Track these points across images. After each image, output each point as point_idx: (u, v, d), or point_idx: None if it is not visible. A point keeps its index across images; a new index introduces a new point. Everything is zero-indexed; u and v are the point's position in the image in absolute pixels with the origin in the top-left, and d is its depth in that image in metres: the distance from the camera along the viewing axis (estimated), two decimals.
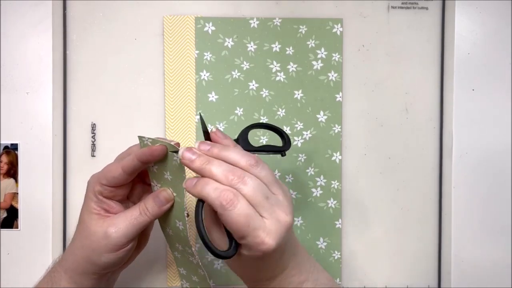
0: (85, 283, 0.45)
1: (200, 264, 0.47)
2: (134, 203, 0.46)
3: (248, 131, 0.46)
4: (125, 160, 0.43)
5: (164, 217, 0.46)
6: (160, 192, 0.44)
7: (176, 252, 0.50)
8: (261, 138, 0.56)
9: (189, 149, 0.41)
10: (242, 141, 0.45)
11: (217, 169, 0.39)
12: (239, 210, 0.38)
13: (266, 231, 0.38)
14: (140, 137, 0.43)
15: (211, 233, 0.42)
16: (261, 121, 0.56)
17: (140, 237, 0.47)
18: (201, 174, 0.40)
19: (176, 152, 0.42)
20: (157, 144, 0.42)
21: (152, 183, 0.46)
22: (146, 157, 0.42)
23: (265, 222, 0.39)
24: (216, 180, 0.39)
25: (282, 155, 0.46)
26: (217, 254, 0.39)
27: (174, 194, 0.45)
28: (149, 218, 0.44)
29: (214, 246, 0.39)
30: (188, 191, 0.40)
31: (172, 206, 0.45)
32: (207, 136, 0.44)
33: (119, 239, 0.43)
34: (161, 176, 0.44)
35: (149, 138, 0.43)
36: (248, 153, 0.41)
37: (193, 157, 0.40)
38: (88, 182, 0.45)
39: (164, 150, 0.42)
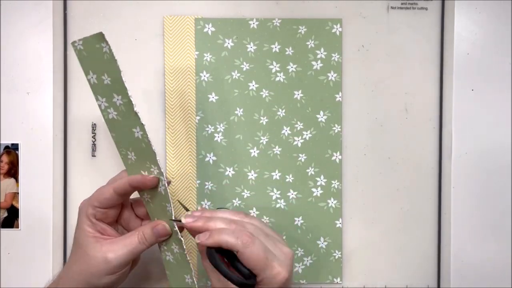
0: None
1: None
2: (122, 226, 0.50)
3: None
4: (117, 183, 0.46)
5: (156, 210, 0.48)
6: (159, 224, 0.47)
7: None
8: (261, 138, 0.56)
9: (188, 215, 0.45)
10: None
11: (220, 223, 0.44)
12: (257, 245, 0.42)
13: (279, 262, 0.43)
14: (72, 43, 0.43)
15: (212, 279, 0.45)
16: (262, 121, 0.56)
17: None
18: (206, 229, 0.44)
19: (179, 220, 0.45)
20: (151, 176, 0.46)
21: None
22: (138, 184, 0.46)
23: (275, 254, 0.43)
24: None
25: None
26: (243, 283, 0.43)
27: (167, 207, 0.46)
28: (146, 246, 0.46)
29: (238, 275, 0.43)
30: (203, 243, 0.43)
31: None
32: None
33: (118, 264, 0.45)
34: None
35: (79, 40, 0.43)
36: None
37: (194, 219, 0.44)
38: (80, 208, 0.47)
39: (156, 181, 0.46)
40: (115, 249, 0.45)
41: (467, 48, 0.57)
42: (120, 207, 0.49)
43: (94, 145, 0.55)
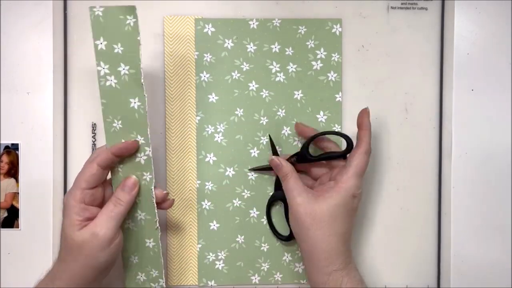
0: None
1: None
2: None
3: (309, 144, 0.53)
4: (98, 157, 0.47)
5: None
6: (126, 180, 0.48)
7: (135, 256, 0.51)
8: (262, 138, 0.56)
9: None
10: (306, 152, 0.53)
11: None
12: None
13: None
14: (90, 8, 0.46)
15: (294, 197, 0.49)
16: (262, 121, 0.56)
17: None
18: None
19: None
20: (131, 140, 0.47)
21: (115, 168, 0.49)
22: (121, 151, 0.47)
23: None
24: None
25: (344, 158, 0.52)
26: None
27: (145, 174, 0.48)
28: (123, 207, 0.47)
29: None
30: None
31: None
32: (275, 152, 0.55)
33: (106, 234, 0.45)
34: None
35: (100, 7, 0.45)
36: None
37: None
38: (65, 199, 0.47)
39: (136, 144, 0.47)
40: (97, 222, 0.45)
41: (467, 48, 0.57)
42: (104, 189, 0.49)
43: (94, 145, 0.55)
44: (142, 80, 0.46)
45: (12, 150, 0.55)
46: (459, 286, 0.57)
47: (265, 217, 0.56)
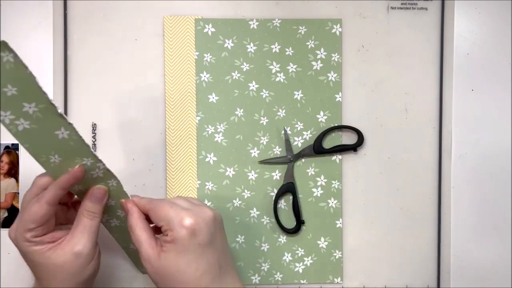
0: None
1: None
2: (62, 224, 0.48)
3: (322, 136, 0.56)
4: (48, 195, 0.43)
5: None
6: (94, 191, 0.46)
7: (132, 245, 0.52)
8: (262, 138, 0.56)
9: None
10: (318, 146, 0.55)
11: None
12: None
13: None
14: None
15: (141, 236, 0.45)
16: (263, 122, 0.56)
17: None
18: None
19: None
20: (76, 167, 0.44)
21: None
22: (70, 182, 0.44)
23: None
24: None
25: (355, 151, 0.56)
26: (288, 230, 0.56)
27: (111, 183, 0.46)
28: (98, 218, 0.46)
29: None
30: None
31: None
32: (288, 144, 0.56)
33: (89, 250, 0.44)
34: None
35: (9, 53, 0.38)
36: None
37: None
38: (14, 238, 0.44)
39: (83, 168, 0.44)
40: (77, 240, 0.44)
41: (467, 48, 0.57)
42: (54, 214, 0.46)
43: (94, 145, 0.55)
44: (59, 110, 0.41)
45: (12, 150, 0.55)
46: (459, 286, 0.57)
47: (265, 216, 0.56)
